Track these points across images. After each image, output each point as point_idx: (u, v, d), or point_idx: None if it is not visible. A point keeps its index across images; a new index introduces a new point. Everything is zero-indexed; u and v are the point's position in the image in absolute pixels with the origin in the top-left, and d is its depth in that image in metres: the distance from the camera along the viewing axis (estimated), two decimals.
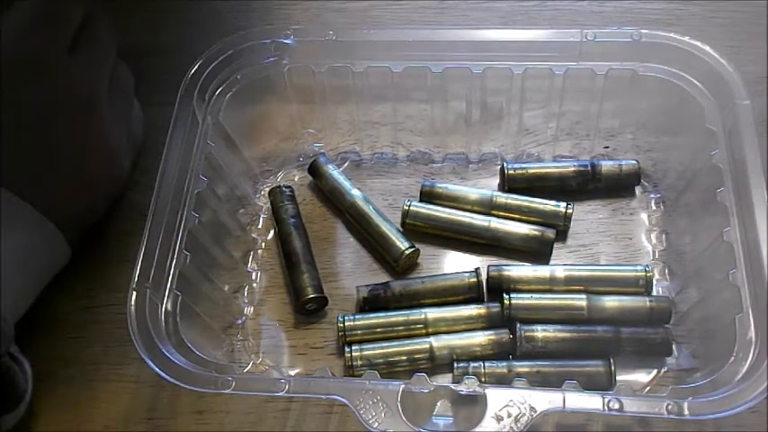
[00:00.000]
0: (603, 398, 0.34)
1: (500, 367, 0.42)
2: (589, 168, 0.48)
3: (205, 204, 0.43)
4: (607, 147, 0.50)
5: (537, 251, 0.46)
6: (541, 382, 0.41)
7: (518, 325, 0.42)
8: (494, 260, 0.47)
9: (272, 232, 0.49)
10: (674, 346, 0.42)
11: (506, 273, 0.45)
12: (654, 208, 0.48)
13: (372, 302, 0.45)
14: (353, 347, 0.43)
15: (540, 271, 0.45)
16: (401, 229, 0.47)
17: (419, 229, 0.48)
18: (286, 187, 0.49)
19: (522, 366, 0.42)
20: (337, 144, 0.52)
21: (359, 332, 0.43)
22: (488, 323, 0.44)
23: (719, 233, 0.40)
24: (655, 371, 0.42)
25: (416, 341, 0.43)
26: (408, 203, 0.48)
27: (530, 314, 0.43)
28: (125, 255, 0.48)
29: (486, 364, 0.42)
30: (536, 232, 0.46)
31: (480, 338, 0.43)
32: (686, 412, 0.33)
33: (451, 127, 0.51)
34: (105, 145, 0.46)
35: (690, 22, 0.55)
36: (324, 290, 0.45)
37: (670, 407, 0.33)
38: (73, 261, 0.46)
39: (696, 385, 0.35)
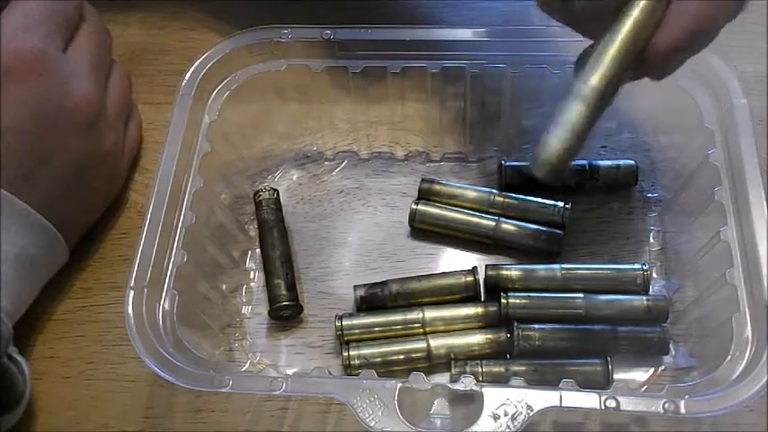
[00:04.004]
0: (600, 396, 0.34)
1: (497, 366, 0.42)
2: (587, 168, 0.48)
3: (203, 203, 0.43)
4: (605, 146, 0.50)
5: (546, 250, 0.46)
6: (538, 380, 0.41)
7: (515, 324, 0.42)
8: (498, 259, 0.47)
9: None
10: (671, 345, 0.42)
11: (504, 272, 0.45)
12: (651, 207, 0.48)
13: (370, 301, 0.45)
14: (351, 346, 0.43)
15: (538, 270, 0.45)
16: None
17: (426, 229, 0.48)
18: (265, 191, 0.48)
19: (520, 365, 0.42)
20: (335, 143, 0.52)
21: (356, 331, 0.44)
22: (486, 322, 0.44)
23: (717, 232, 0.40)
24: (652, 369, 0.42)
25: (414, 340, 0.43)
26: (416, 204, 0.48)
27: (527, 313, 0.43)
28: (123, 254, 0.48)
29: (484, 362, 0.42)
30: (546, 231, 0.46)
31: (478, 337, 0.43)
32: (683, 410, 0.33)
33: (449, 126, 0.51)
34: (102, 144, 0.46)
35: None
36: (297, 296, 0.45)
37: (667, 405, 0.33)
38: (70, 260, 0.46)
39: (693, 384, 0.35)
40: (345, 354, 0.42)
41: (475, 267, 0.45)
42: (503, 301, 0.43)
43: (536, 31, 0.45)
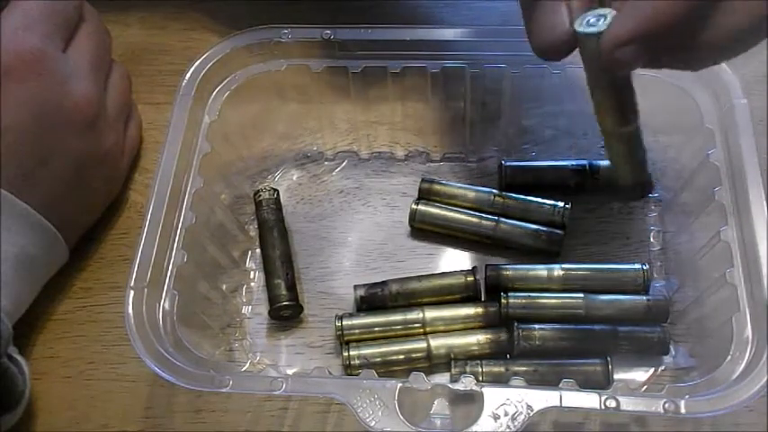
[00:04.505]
0: (600, 396, 0.34)
1: (497, 366, 0.42)
2: (587, 167, 0.48)
3: (203, 203, 0.43)
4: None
5: (546, 250, 0.46)
6: (539, 380, 0.41)
7: (515, 324, 0.42)
8: (498, 259, 0.47)
9: None
10: (671, 345, 0.42)
11: (504, 272, 0.45)
12: (651, 207, 0.48)
13: (370, 301, 0.45)
14: (351, 346, 0.43)
15: (538, 270, 0.45)
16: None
17: (426, 229, 0.48)
18: (265, 191, 0.48)
19: (520, 365, 0.42)
20: (335, 143, 0.52)
21: (356, 331, 0.44)
22: (486, 322, 0.44)
23: (717, 232, 0.40)
24: (652, 369, 0.42)
25: (414, 340, 0.43)
26: (416, 204, 0.48)
27: (527, 313, 0.43)
28: (123, 254, 0.48)
29: (484, 362, 0.42)
30: (546, 231, 0.46)
31: (478, 337, 0.43)
32: (683, 410, 0.33)
33: (449, 126, 0.51)
34: (102, 144, 0.46)
35: None
36: (297, 296, 0.45)
37: (667, 405, 0.33)
38: (71, 260, 0.46)
39: (693, 384, 0.35)
40: (345, 354, 0.42)
41: (475, 267, 0.45)
42: (503, 301, 0.43)
43: None
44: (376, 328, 0.44)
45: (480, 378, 0.41)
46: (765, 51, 0.52)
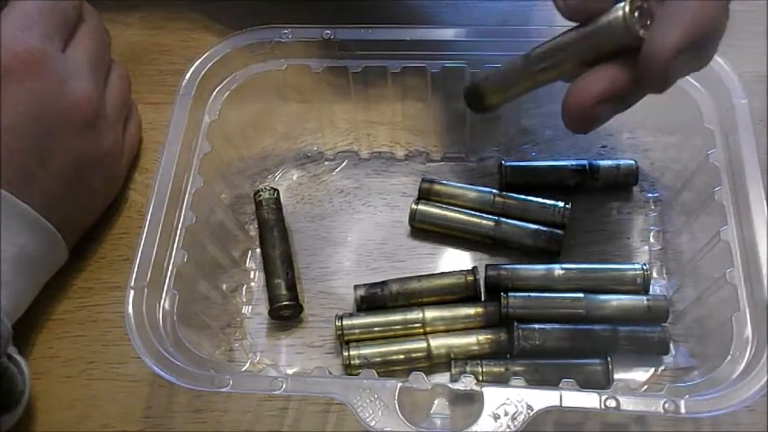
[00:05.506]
0: (600, 396, 0.34)
1: (497, 366, 0.42)
2: (587, 167, 0.48)
3: (203, 203, 0.43)
4: (605, 146, 0.50)
5: (546, 250, 0.46)
6: (538, 380, 0.41)
7: (515, 324, 0.42)
8: (498, 259, 0.47)
9: None
10: (671, 345, 0.42)
11: (504, 272, 0.45)
12: (651, 207, 0.48)
13: (370, 301, 0.45)
14: (351, 346, 0.43)
15: (538, 270, 0.45)
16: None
17: (426, 229, 0.48)
18: (265, 190, 0.48)
19: (520, 365, 0.41)
20: (335, 143, 0.52)
21: (356, 331, 0.44)
22: (486, 322, 0.44)
23: (717, 232, 0.40)
24: (652, 369, 0.42)
25: (414, 340, 0.43)
26: (416, 204, 0.48)
27: (527, 313, 0.43)
28: (123, 254, 0.48)
29: (484, 362, 0.42)
30: (546, 231, 0.46)
31: (478, 337, 0.43)
32: (683, 410, 0.33)
33: (449, 126, 0.51)
34: (102, 144, 0.46)
35: None
36: (297, 296, 0.45)
37: (667, 405, 0.33)
38: (70, 260, 0.46)
39: (693, 383, 0.35)
40: (345, 353, 0.42)
41: (475, 267, 0.45)
42: (503, 301, 0.43)
43: (536, 31, 0.45)
44: (376, 328, 0.44)
45: (480, 378, 0.41)
46: (765, 51, 0.52)
